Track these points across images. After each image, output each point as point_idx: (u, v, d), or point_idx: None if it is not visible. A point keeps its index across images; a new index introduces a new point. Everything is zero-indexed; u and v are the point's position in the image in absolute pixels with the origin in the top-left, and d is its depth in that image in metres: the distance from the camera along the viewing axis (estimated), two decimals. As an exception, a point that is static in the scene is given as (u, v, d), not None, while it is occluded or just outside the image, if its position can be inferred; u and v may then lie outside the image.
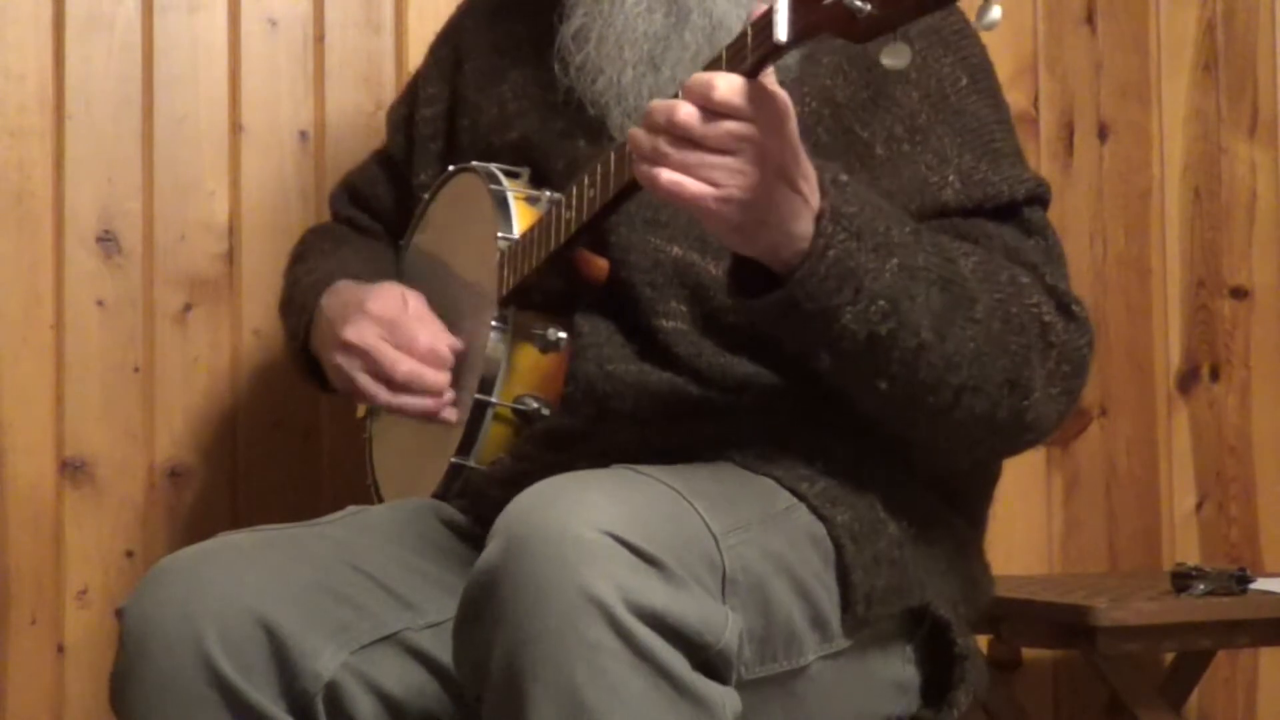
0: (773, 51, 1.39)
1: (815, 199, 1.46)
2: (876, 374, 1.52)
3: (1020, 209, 1.67)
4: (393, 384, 1.76)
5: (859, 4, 1.33)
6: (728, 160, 1.42)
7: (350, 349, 1.78)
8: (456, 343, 1.77)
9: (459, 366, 1.77)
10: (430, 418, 1.76)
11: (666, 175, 1.42)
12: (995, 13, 1.32)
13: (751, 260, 1.49)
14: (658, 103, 1.43)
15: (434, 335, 1.77)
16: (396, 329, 1.77)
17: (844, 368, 1.52)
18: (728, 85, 1.41)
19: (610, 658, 1.34)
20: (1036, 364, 1.58)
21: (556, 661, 1.34)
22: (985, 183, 1.67)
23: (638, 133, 1.44)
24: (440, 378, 1.75)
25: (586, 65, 1.74)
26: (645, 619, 1.35)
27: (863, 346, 1.49)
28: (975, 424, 1.57)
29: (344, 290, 1.84)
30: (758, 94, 1.41)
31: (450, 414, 1.75)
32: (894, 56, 1.37)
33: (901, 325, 1.49)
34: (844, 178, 1.50)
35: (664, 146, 1.42)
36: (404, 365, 1.75)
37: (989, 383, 1.55)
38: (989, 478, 1.80)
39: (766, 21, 1.39)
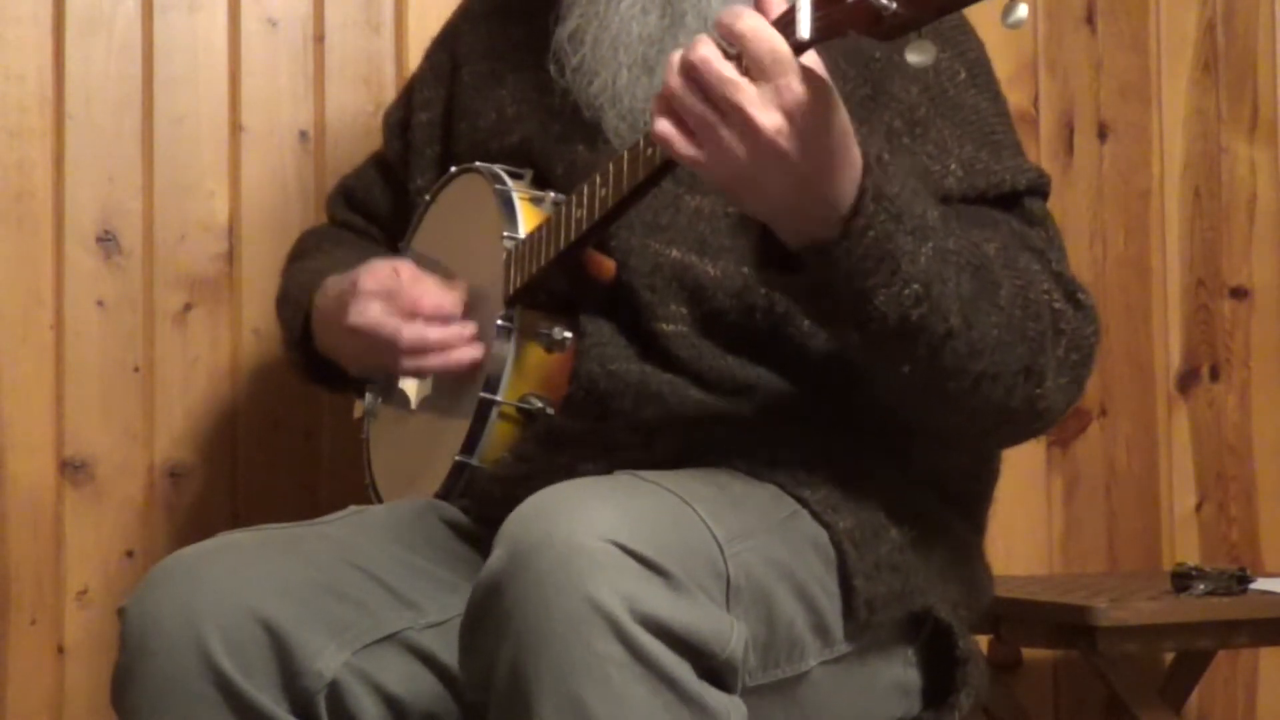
0: (794, 50, 1.38)
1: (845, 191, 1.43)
2: (902, 358, 1.49)
3: (1021, 199, 1.67)
4: (402, 352, 1.76)
5: (884, 2, 1.31)
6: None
7: (355, 332, 1.78)
8: (460, 292, 1.77)
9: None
10: (453, 370, 1.75)
11: (663, 127, 1.40)
12: (1021, 11, 1.30)
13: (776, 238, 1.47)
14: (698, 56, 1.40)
15: (435, 294, 1.77)
16: (396, 298, 1.76)
17: (871, 348, 1.50)
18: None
19: (615, 667, 1.34)
20: (1050, 351, 1.57)
21: (561, 671, 1.34)
22: (987, 171, 1.66)
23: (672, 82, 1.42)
24: (445, 333, 1.75)
25: (582, 68, 1.74)
26: (651, 628, 1.35)
27: (892, 329, 1.47)
28: (989, 410, 1.55)
29: (332, 285, 1.84)
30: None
31: (467, 353, 1.75)
32: (919, 54, 1.35)
33: (933, 310, 1.46)
34: (885, 156, 1.47)
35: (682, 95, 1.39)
36: (406, 332, 1.75)
37: (1007, 370, 1.53)
38: (989, 479, 1.80)
39: (789, 19, 1.38)
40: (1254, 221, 2.73)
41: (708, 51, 1.38)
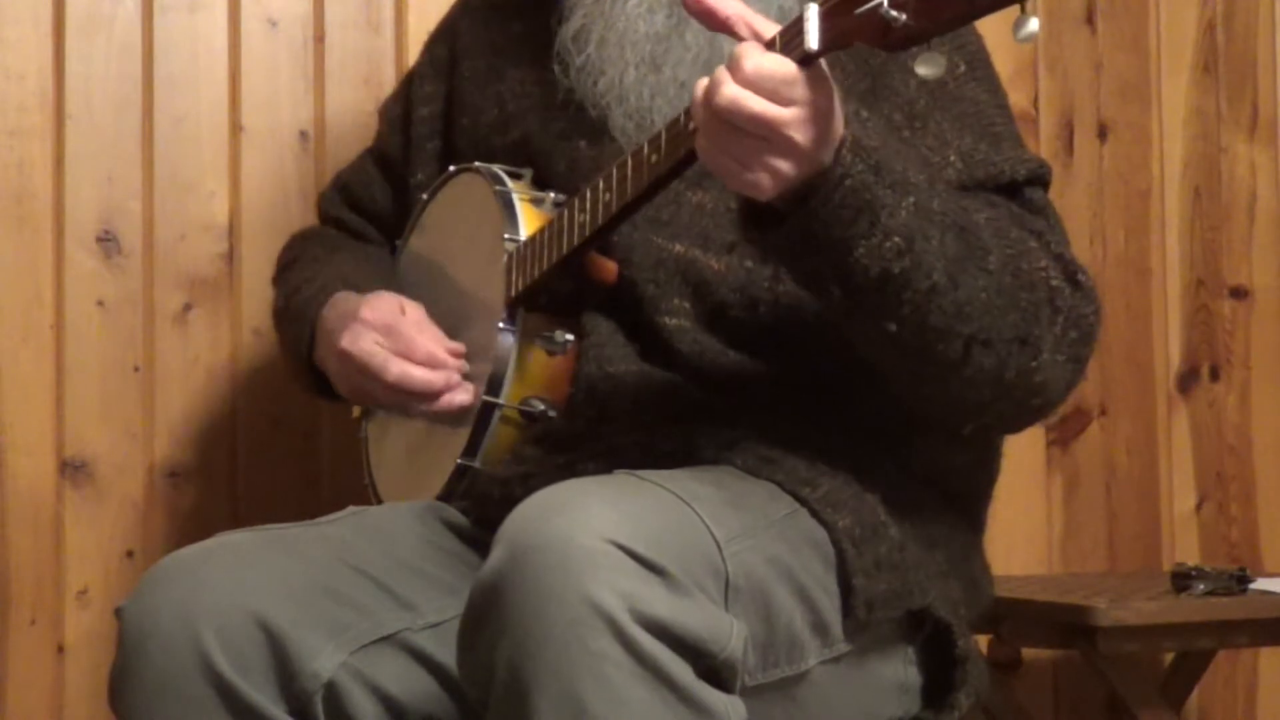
0: (802, 59, 1.39)
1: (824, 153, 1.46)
2: (887, 315, 1.50)
3: (1021, 189, 1.67)
4: (386, 387, 1.77)
5: (894, 14, 1.32)
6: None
7: (345, 357, 1.79)
8: (458, 347, 1.78)
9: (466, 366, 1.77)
10: (437, 413, 1.76)
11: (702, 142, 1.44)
12: (1033, 25, 1.31)
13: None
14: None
15: (433, 340, 1.77)
16: (393, 334, 1.77)
17: (854, 305, 1.51)
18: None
19: (614, 667, 1.34)
20: (1046, 325, 1.56)
21: (561, 671, 1.34)
22: (987, 162, 1.66)
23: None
24: (432, 377, 1.75)
25: (587, 66, 1.74)
26: (650, 628, 1.35)
27: (874, 283, 1.47)
28: (984, 381, 1.55)
29: (342, 302, 1.84)
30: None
31: (453, 400, 1.75)
32: (930, 66, 1.35)
33: (915, 265, 1.47)
34: (865, 113, 1.49)
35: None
36: (393, 368, 1.76)
37: (999, 337, 1.53)
38: (989, 478, 1.80)
39: (797, 29, 1.39)
40: (1254, 221, 2.73)
41: (732, 92, 1.40)
